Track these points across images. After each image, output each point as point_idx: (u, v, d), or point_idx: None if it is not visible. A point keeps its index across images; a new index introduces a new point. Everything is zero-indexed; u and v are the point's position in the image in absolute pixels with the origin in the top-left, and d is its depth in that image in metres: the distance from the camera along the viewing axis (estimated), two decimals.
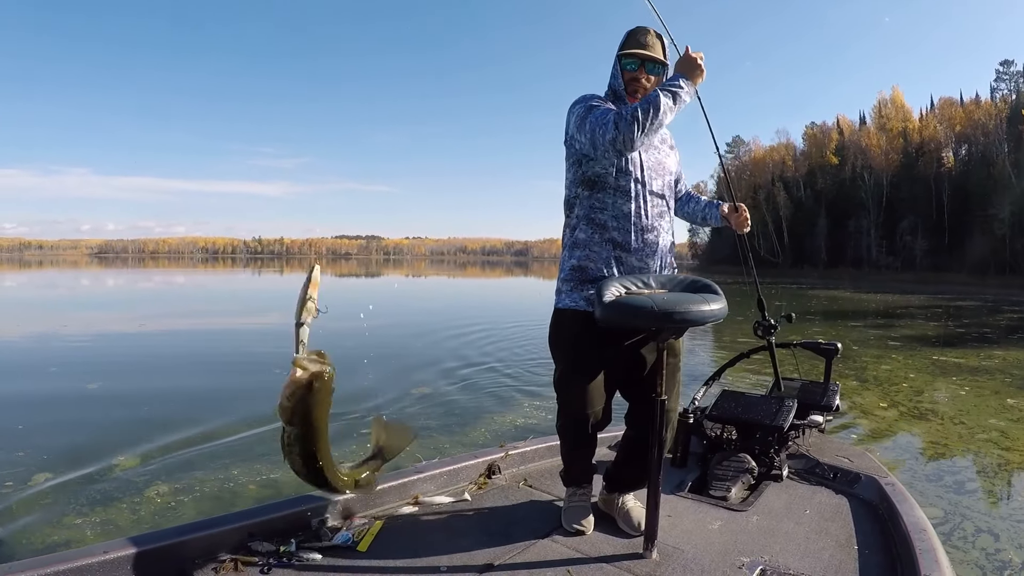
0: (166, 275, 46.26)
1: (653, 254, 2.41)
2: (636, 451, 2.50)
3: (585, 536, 2.45)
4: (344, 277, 46.21)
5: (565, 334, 2.45)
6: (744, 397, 3.57)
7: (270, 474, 4.24)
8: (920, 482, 4.18)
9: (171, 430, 5.07)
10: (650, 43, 2.42)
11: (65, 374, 7.56)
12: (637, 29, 2.45)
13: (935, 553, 2.18)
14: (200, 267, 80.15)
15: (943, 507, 3.79)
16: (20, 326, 12.70)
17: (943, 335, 14.22)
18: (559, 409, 2.56)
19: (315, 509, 2.43)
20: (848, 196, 67.44)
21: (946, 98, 65.51)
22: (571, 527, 2.46)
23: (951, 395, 7.28)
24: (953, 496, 3.96)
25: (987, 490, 4.09)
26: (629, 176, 2.35)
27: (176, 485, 4.00)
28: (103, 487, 3.91)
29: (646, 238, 2.39)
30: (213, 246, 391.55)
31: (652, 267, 2.41)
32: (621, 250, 2.36)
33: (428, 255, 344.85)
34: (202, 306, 19.18)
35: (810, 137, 78.76)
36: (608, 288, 2.22)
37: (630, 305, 2.14)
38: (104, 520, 3.48)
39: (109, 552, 1.94)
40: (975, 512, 3.72)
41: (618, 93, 2.45)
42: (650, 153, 2.43)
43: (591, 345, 2.38)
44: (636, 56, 2.39)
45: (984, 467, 4.63)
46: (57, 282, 33.30)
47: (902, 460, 4.69)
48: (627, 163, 2.35)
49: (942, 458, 4.80)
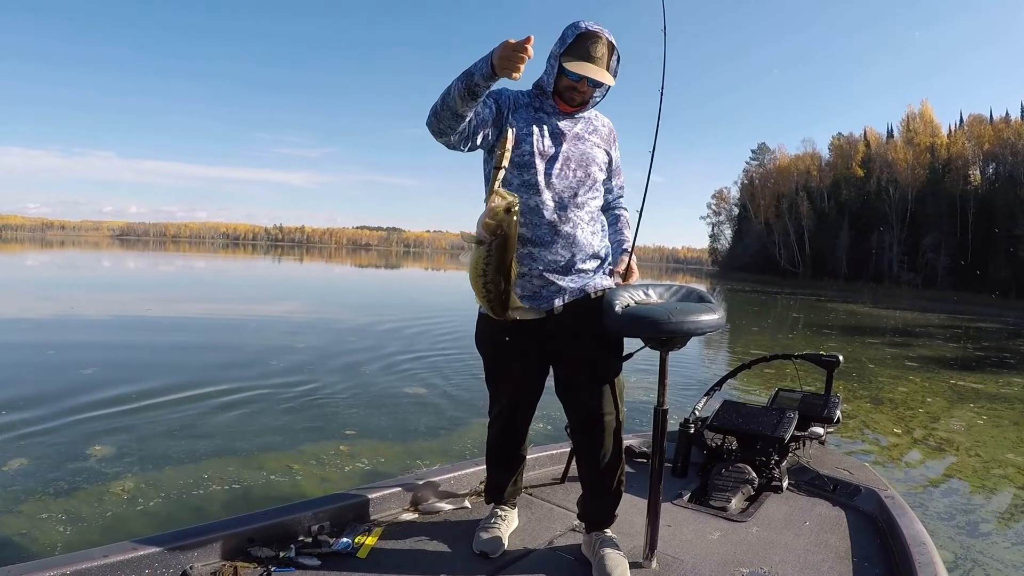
0: (184, 259, 46.60)
1: (572, 245, 2.28)
2: (585, 474, 2.44)
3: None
4: (363, 268, 46.36)
5: (479, 334, 2.46)
6: (745, 408, 3.59)
7: (269, 480, 4.23)
8: (932, 520, 4.06)
9: (171, 429, 5.07)
10: (599, 56, 2.22)
11: (62, 359, 7.56)
12: (587, 34, 2.20)
13: (934, 567, 2.19)
14: (220, 252, 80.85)
15: (954, 550, 3.67)
16: (26, 306, 12.79)
17: (962, 357, 14.01)
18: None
19: (315, 515, 2.44)
20: (872, 209, 66.80)
21: (975, 115, 64.71)
22: (475, 549, 2.40)
23: (968, 424, 7.15)
24: (966, 539, 3.84)
25: (1002, 533, 3.95)
26: (533, 170, 2.24)
27: (173, 489, 3.98)
28: (96, 488, 3.89)
29: (560, 230, 2.26)
30: (234, 232, 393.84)
31: (575, 259, 2.29)
32: (532, 245, 2.26)
33: (448, 248, 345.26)
34: (211, 292, 19.25)
35: (836, 148, 78.09)
36: (617, 298, 2.22)
37: (645, 316, 2.15)
38: (104, 521, 3.47)
39: (108, 556, 1.96)
40: (988, 558, 3.60)
41: (545, 91, 2.30)
42: (569, 144, 2.30)
43: (506, 346, 2.33)
44: (581, 73, 2.19)
45: (1000, 507, 4.50)
46: (77, 262, 33.65)
47: (914, 494, 4.57)
48: (530, 156, 2.24)
49: (956, 495, 4.68)
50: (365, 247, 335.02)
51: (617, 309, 2.17)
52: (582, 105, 2.33)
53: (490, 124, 2.24)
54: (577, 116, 2.36)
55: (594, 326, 2.28)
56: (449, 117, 2.07)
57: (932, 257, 59.32)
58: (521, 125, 2.26)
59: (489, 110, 2.24)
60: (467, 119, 2.12)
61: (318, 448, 4.74)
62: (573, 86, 2.26)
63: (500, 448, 2.60)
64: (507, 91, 2.35)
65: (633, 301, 2.28)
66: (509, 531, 2.53)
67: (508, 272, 1.92)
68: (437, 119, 2.10)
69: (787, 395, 3.86)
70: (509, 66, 1.89)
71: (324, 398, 6.32)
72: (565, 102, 2.30)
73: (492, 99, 2.28)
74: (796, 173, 79.45)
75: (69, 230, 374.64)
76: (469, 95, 2.00)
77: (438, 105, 2.08)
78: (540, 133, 2.28)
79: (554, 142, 2.29)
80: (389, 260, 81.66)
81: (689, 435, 3.44)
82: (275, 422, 5.40)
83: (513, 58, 1.88)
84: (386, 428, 5.39)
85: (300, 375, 7.30)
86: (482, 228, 1.87)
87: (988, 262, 53.49)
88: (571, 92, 2.27)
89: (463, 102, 2.02)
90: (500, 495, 2.61)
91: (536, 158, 2.25)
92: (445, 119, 2.08)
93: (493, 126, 2.26)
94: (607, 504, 2.43)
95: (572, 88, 2.26)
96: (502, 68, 1.90)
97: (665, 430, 2.30)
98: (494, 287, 1.92)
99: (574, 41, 2.21)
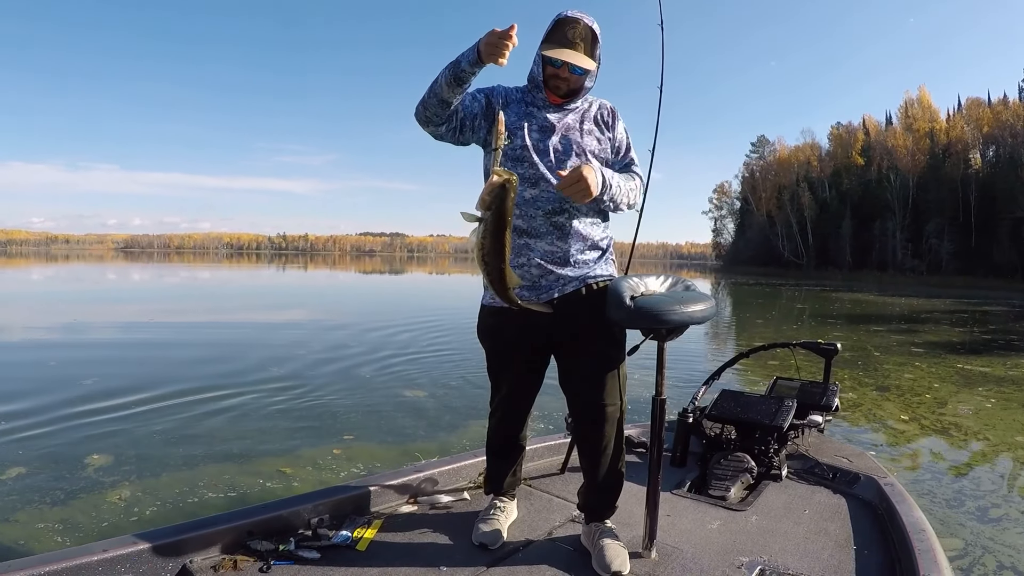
0: (188, 270, 46.70)
1: (569, 237, 2.29)
2: (586, 465, 2.44)
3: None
4: (367, 274, 46.44)
5: (483, 327, 2.48)
6: (744, 397, 3.60)
7: (270, 473, 4.22)
8: (940, 508, 3.99)
9: (169, 436, 5.05)
10: (576, 41, 2.21)
11: (63, 369, 7.54)
12: (565, 20, 2.21)
13: (934, 553, 2.19)
14: (224, 262, 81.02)
15: (964, 536, 3.59)
16: (30, 318, 12.81)
17: (968, 342, 13.93)
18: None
19: (314, 508, 2.45)
20: (874, 197, 66.80)
21: (973, 98, 64.93)
22: (474, 540, 2.40)
23: (976, 408, 7.09)
24: (976, 525, 3.76)
25: (1013, 519, 3.86)
26: (526, 163, 2.25)
27: (173, 485, 3.98)
28: (93, 496, 3.86)
29: (555, 220, 2.27)
30: (238, 242, 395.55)
31: (572, 250, 2.30)
32: (529, 236, 2.27)
33: (452, 252, 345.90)
34: (215, 303, 19.26)
35: (835, 137, 78.14)
36: (623, 289, 2.22)
37: (654, 307, 2.17)
38: (101, 529, 3.45)
39: (109, 551, 1.96)
40: (999, 544, 3.51)
41: (537, 83, 2.31)
42: (560, 136, 2.29)
43: (505, 338, 2.40)
44: (557, 57, 2.20)
45: (1010, 492, 4.42)
46: (81, 275, 33.73)
47: (921, 481, 4.50)
48: (523, 150, 2.25)
49: (965, 480, 4.60)
50: (369, 253, 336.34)
51: (625, 301, 2.18)
52: (572, 95, 2.32)
53: (480, 117, 2.28)
54: (569, 107, 2.35)
55: (596, 316, 2.28)
56: (435, 104, 2.14)
57: (936, 243, 59.28)
58: (512, 119, 2.27)
59: (479, 104, 2.28)
60: (452, 107, 2.17)
61: (315, 452, 4.71)
62: (556, 73, 2.26)
63: (499, 438, 2.61)
64: (500, 87, 2.37)
65: (638, 292, 2.29)
66: (508, 522, 2.53)
67: (503, 247, 1.93)
68: (424, 107, 2.17)
69: (785, 384, 3.86)
70: (495, 52, 1.95)
71: (322, 402, 6.29)
72: (552, 92, 2.30)
73: (483, 94, 2.32)
74: (796, 164, 79.53)
75: (73, 244, 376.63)
76: (456, 81, 2.07)
77: (426, 93, 2.16)
78: (531, 126, 2.28)
79: (544, 135, 2.29)
80: (393, 265, 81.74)
81: (688, 425, 3.45)
82: (273, 427, 5.38)
83: (499, 45, 1.94)
84: (384, 431, 5.35)
85: (297, 380, 7.28)
86: (479, 203, 1.91)
87: (992, 245, 53.39)
88: (555, 80, 2.28)
89: (449, 88, 2.09)
90: (499, 486, 2.62)
91: (529, 151, 2.26)
92: (431, 106, 2.15)
93: (484, 119, 2.29)
94: (607, 495, 2.43)
95: (555, 76, 2.27)
96: (488, 54, 1.97)
97: (664, 420, 2.30)
98: (491, 260, 1.94)
99: (552, 28, 2.23)
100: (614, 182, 2.24)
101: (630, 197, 2.36)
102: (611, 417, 2.33)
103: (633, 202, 2.41)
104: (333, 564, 2.18)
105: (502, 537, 2.39)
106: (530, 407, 2.60)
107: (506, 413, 2.57)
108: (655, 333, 2.26)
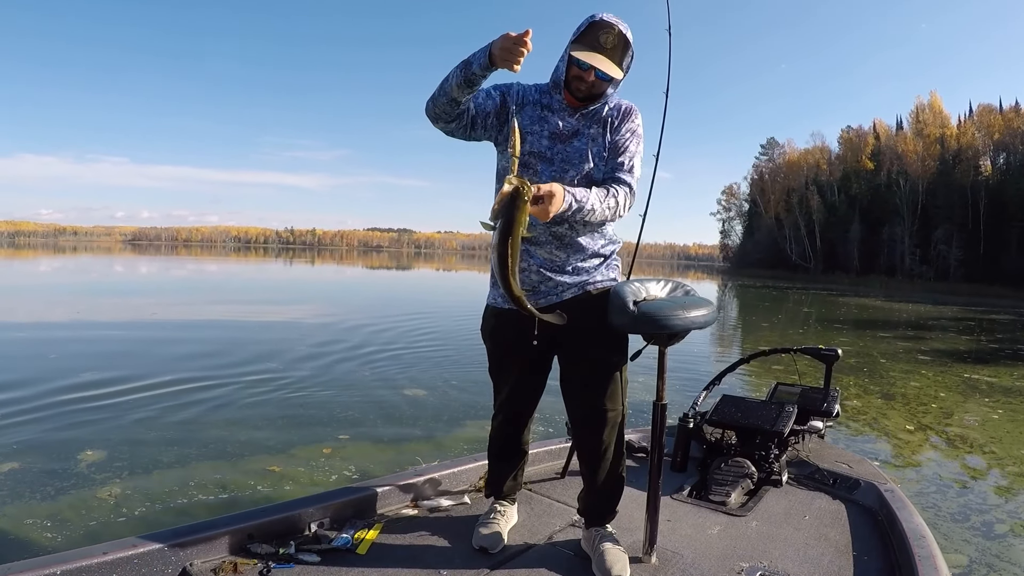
0: (196, 263, 46.85)
1: (568, 247, 2.28)
2: (586, 469, 2.43)
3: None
4: (374, 269, 46.48)
5: (486, 328, 2.49)
6: (744, 402, 3.60)
7: (270, 476, 4.21)
8: (945, 522, 3.94)
9: (162, 432, 5.04)
10: (608, 47, 2.14)
11: (62, 363, 7.54)
12: (599, 23, 2.13)
13: (934, 559, 2.19)
14: (232, 256, 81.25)
15: (969, 553, 3.53)
16: (34, 310, 12.86)
17: (975, 350, 13.86)
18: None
19: (314, 512, 2.45)
20: (883, 202, 66.56)
21: (985, 105, 64.47)
22: (474, 544, 2.39)
23: (982, 418, 7.04)
24: (981, 541, 3.71)
25: (1019, 535, 3.81)
26: (530, 171, 2.24)
27: (164, 482, 3.98)
28: (83, 492, 3.85)
29: (554, 231, 2.25)
30: (245, 235, 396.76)
31: (572, 259, 2.29)
32: (529, 243, 2.25)
33: (459, 249, 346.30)
34: (221, 295, 19.29)
35: (845, 141, 77.89)
36: (626, 295, 2.22)
37: (657, 312, 2.18)
38: (102, 520, 3.46)
39: (108, 553, 1.96)
40: (1004, 562, 3.46)
41: (558, 83, 2.25)
42: (566, 144, 2.25)
43: (507, 340, 2.40)
44: (586, 61, 2.12)
45: (1018, 507, 4.37)
46: (88, 267, 33.85)
47: (926, 494, 4.45)
48: (528, 156, 2.24)
49: (971, 494, 4.55)
50: (376, 249, 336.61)
51: (628, 306, 2.18)
52: (590, 99, 2.26)
53: (493, 116, 2.26)
54: (583, 112, 2.27)
55: (597, 321, 2.27)
56: (444, 103, 2.12)
57: (944, 249, 59.01)
58: (524, 122, 2.25)
59: (493, 102, 2.25)
60: (462, 106, 2.15)
61: (309, 451, 4.70)
62: (580, 75, 2.19)
63: (501, 441, 2.61)
64: (518, 85, 2.33)
65: (640, 297, 2.29)
66: (509, 526, 2.53)
67: (507, 255, 1.92)
68: (434, 104, 2.15)
69: (786, 389, 3.85)
70: (509, 58, 1.90)
71: (321, 400, 6.29)
72: (571, 93, 2.25)
73: (499, 91, 2.29)
74: (806, 167, 79.32)
75: (82, 236, 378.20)
76: (467, 84, 2.03)
77: (436, 91, 2.13)
78: (540, 133, 2.26)
79: (554, 142, 2.26)
80: (400, 261, 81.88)
81: (688, 430, 3.45)
82: (268, 425, 5.37)
83: (513, 51, 1.89)
84: (381, 431, 5.35)
85: (297, 377, 7.28)
86: (491, 213, 1.93)
87: (1001, 253, 53.13)
88: (577, 82, 2.21)
89: (459, 90, 2.06)
90: (500, 490, 2.62)
91: (533, 159, 2.25)
92: (441, 104, 2.12)
93: (497, 118, 2.27)
94: (608, 499, 2.43)
95: (578, 78, 2.20)
96: (501, 60, 1.92)
97: (664, 425, 2.31)
98: (498, 269, 1.95)
99: (586, 29, 2.16)
100: (587, 204, 2.09)
101: (607, 215, 2.19)
102: (611, 422, 2.32)
103: (612, 219, 2.27)
104: (333, 567, 2.17)
105: (502, 541, 2.39)
106: (532, 410, 2.59)
107: (507, 416, 2.57)
108: (657, 338, 2.26)
